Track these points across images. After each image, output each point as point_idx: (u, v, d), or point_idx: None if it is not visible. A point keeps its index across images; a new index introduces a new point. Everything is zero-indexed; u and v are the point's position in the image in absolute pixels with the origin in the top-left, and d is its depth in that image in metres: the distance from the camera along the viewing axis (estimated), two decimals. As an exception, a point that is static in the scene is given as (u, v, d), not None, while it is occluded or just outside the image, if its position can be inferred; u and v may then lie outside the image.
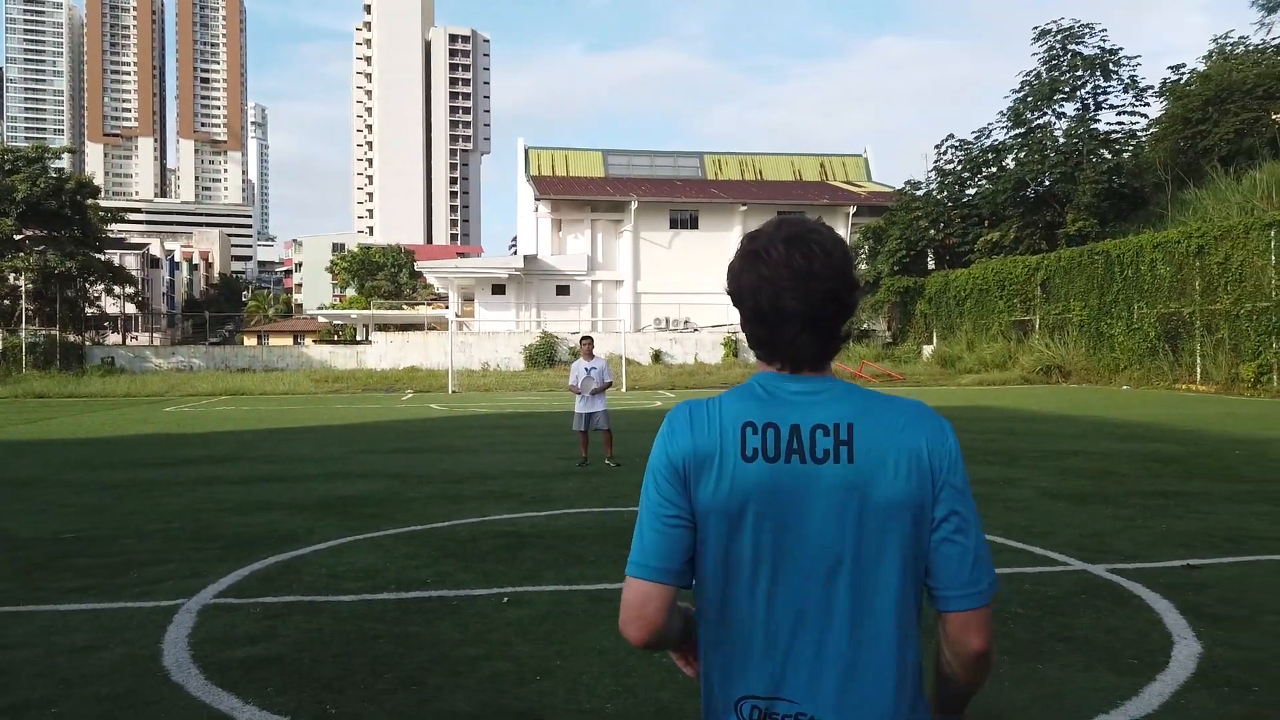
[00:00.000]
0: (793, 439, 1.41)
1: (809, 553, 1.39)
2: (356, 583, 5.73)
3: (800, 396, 1.44)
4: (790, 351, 1.44)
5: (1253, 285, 21.94)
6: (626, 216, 48.48)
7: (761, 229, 1.50)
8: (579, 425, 10.90)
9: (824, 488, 1.39)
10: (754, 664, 1.41)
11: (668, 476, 1.43)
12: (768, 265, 1.43)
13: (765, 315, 1.44)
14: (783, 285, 1.41)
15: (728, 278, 1.51)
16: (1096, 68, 33.11)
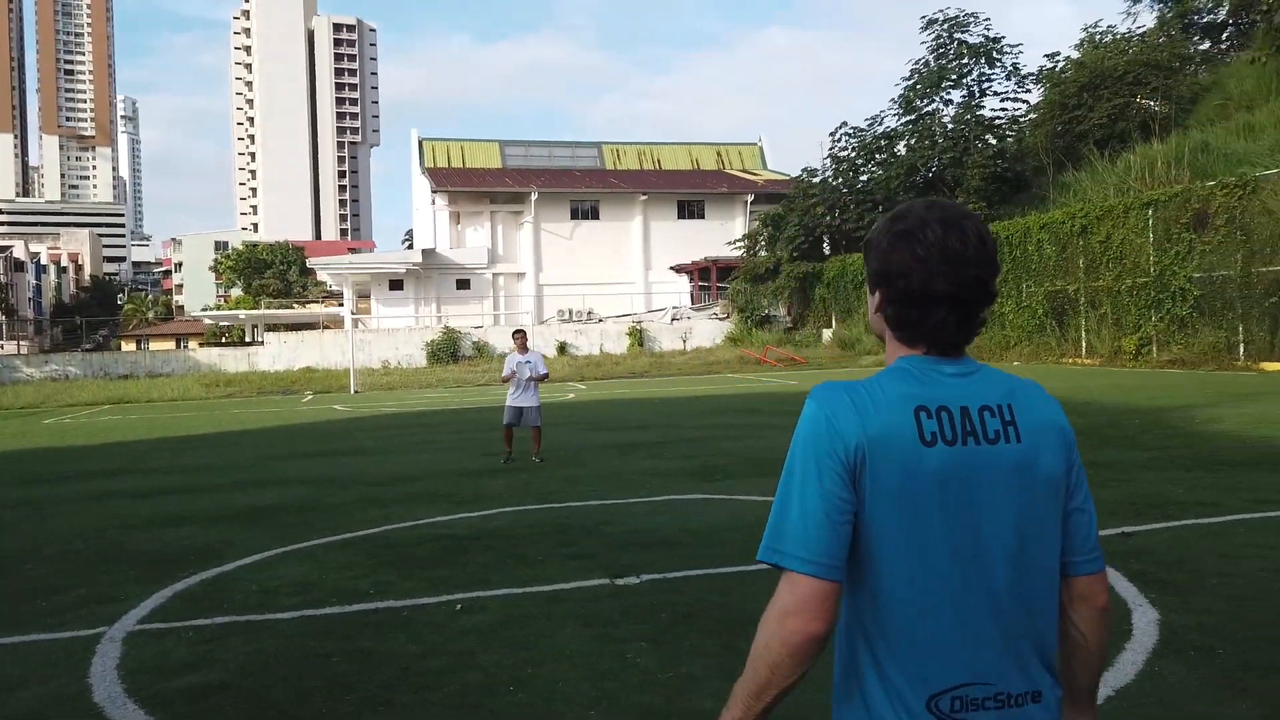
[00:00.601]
0: (964, 421, 1.39)
1: (997, 534, 1.38)
2: (293, 598, 5.41)
3: (956, 379, 1.43)
4: (936, 335, 1.43)
5: (1132, 262, 23.06)
6: (526, 208, 47.92)
7: (909, 208, 1.46)
8: (509, 419, 10.63)
9: (1001, 466, 1.39)
10: (948, 654, 1.37)
11: (834, 467, 1.36)
12: (922, 246, 1.40)
13: (915, 297, 1.42)
14: (936, 269, 1.40)
15: (872, 255, 1.48)
16: (981, 56, 34.27)
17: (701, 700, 3.68)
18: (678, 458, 10.39)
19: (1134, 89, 32.24)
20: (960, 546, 1.37)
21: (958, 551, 1.37)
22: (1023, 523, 1.39)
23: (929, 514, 1.36)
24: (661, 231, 49.00)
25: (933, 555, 1.37)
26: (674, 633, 4.48)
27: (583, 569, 5.74)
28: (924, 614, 1.37)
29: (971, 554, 1.37)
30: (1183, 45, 34.75)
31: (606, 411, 17.13)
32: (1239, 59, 33.87)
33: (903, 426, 1.37)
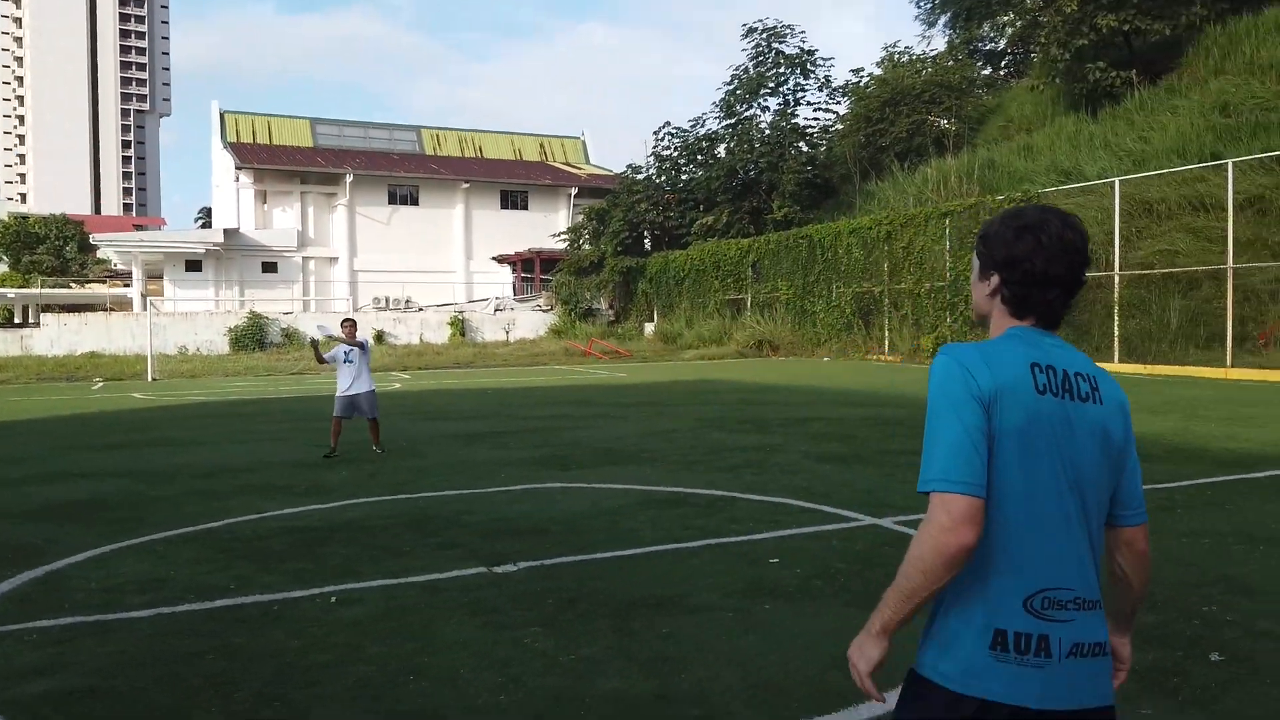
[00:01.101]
0: (1065, 380, 1.73)
1: (1082, 472, 1.72)
2: (142, 596, 5.04)
3: (1055, 348, 1.77)
4: (1046, 311, 1.78)
5: (931, 267, 24.95)
6: (341, 190, 46.02)
7: (1026, 209, 1.81)
8: (340, 411, 10.20)
9: (1088, 421, 1.73)
10: (1043, 563, 1.68)
11: (971, 404, 1.66)
12: (1046, 238, 1.74)
13: (1036, 278, 1.75)
14: (1055, 256, 1.74)
15: (995, 245, 1.80)
16: (797, 67, 35.95)
17: (608, 681, 3.75)
18: (525, 447, 10.36)
19: (929, 107, 34.80)
20: (1063, 476, 1.70)
21: (1059, 481, 1.69)
22: (1099, 468, 1.74)
23: (1040, 448, 1.68)
24: (484, 221, 48.38)
25: (1041, 482, 1.68)
26: (564, 618, 4.52)
27: (456, 558, 5.66)
28: (1029, 529, 1.68)
29: (1070, 484, 1.70)
30: (969, 69, 37.77)
31: (439, 401, 16.79)
32: (1019, 85, 37.28)
33: (1023, 377, 1.70)
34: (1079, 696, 1.68)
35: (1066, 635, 1.67)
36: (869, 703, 3.48)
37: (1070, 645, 1.67)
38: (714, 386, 18.67)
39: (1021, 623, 1.67)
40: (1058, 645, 1.66)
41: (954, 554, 1.61)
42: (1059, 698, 1.66)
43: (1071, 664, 1.67)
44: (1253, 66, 25.15)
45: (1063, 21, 28.28)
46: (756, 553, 5.66)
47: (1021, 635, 1.66)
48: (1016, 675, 1.66)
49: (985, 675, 1.67)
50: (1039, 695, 1.65)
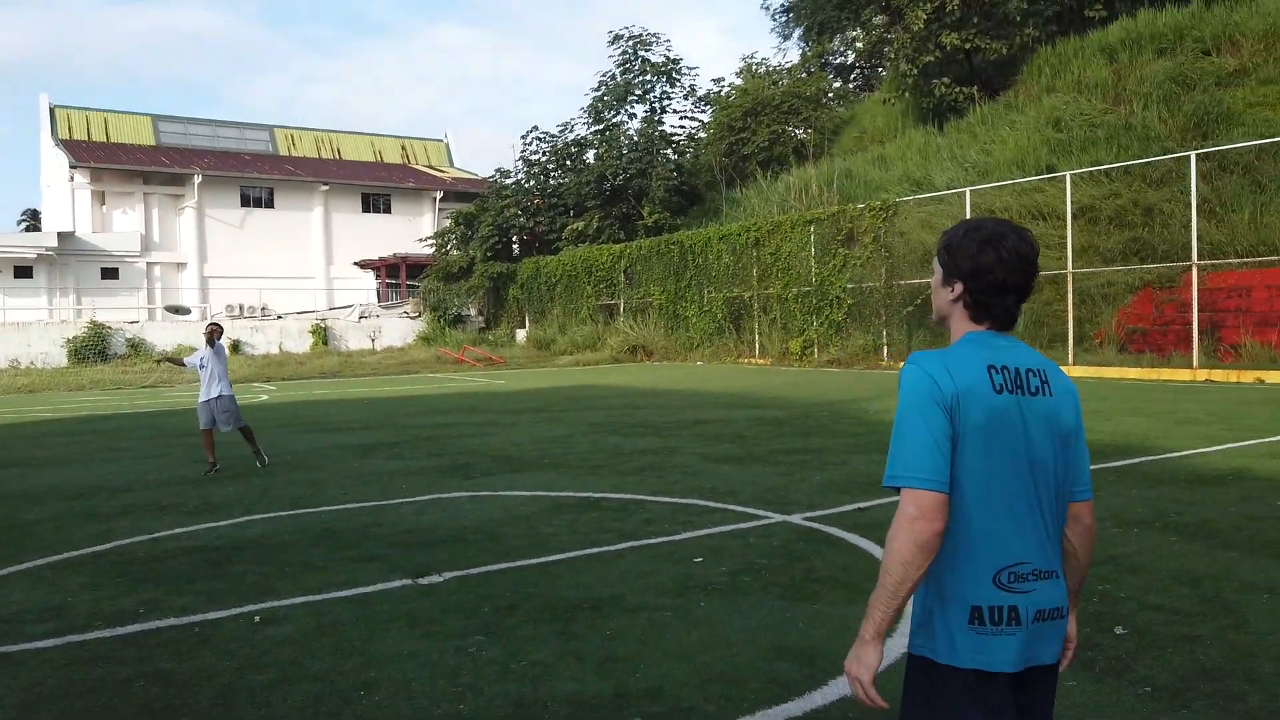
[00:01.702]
0: (1017, 377, 1.94)
1: (1036, 458, 1.92)
2: (42, 625, 4.73)
3: (1008, 349, 1.97)
4: (1003, 315, 1.99)
5: (797, 273, 25.86)
6: (189, 191, 43.66)
7: (983, 222, 2.01)
8: (205, 421, 9.75)
9: (1040, 412, 1.94)
10: (1007, 541, 1.89)
11: (937, 409, 1.86)
12: (1005, 250, 1.94)
13: (996, 287, 1.95)
14: (1014, 267, 1.95)
15: (959, 256, 1.97)
16: (663, 75, 36.53)
17: (563, 684, 3.79)
18: (421, 457, 10.19)
19: (788, 117, 36.05)
20: (1019, 464, 1.90)
21: (1017, 467, 1.90)
22: (1052, 453, 1.94)
23: (999, 440, 1.89)
24: (344, 224, 46.93)
25: (1001, 470, 1.89)
26: (504, 625, 4.53)
27: (377, 571, 5.56)
28: (993, 512, 1.88)
29: (1027, 469, 1.91)
30: (822, 81, 39.32)
31: (315, 413, 16.23)
32: (871, 98, 39.09)
33: (981, 379, 1.90)
34: (1043, 655, 1.94)
35: (1031, 604, 1.89)
36: (819, 690, 3.68)
37: (1034, 612, 1.90)
38: (597, 392, 18.78)
39: (992, 597, 1.88)
40: (1025, 613, 1.88)
41: (927, 540, 1.81)
42: (1030, 658, 1.91)
43: (1037, 628, 1.90)
44: (1080, 85, 27.25)
45: (910, 39, 29.85)
46: (679, 553, 5.80)
47: (993, 609, 1.87)
48: (995, 644, 1.87)
49: (972, 649, 1.88)
50: (1015, 659, 1.88)
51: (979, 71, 31.03)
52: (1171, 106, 23.54)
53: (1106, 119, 24.84)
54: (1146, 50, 26.52)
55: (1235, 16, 25.07)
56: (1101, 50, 27.71)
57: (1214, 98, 22.78)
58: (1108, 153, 22.93)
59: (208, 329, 10.13)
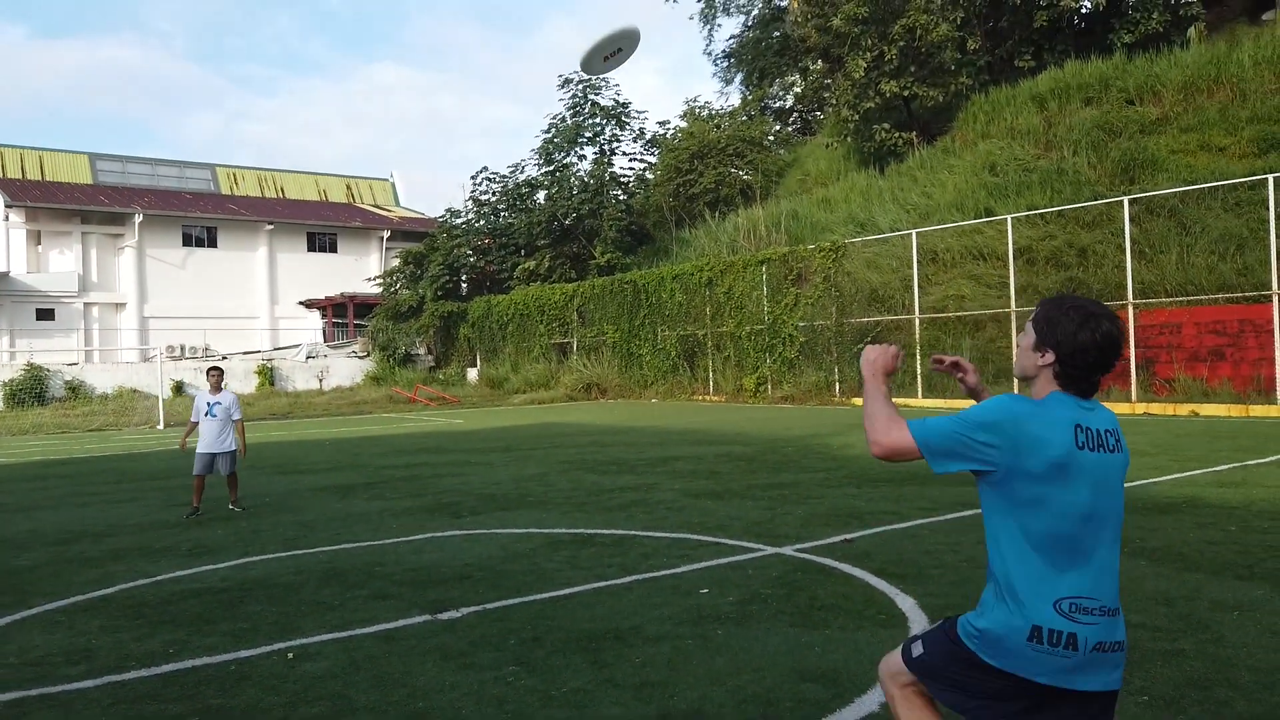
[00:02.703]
0: (1098, 437, 2.28)
1: (1111, 505, 2.27)
2: (74, 667, 4.80)
3: (1090, 411, 2.32)
4: (1087, 386, 2.33)
5: (750, 311, 26.44)
6: (129, 230, 42.91)
7: (1083, 303, 2.32)
8: (201, 468, 9.70)
9: (1115, 467, 2.29)
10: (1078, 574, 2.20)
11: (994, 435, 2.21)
12: (1100, 334, 2.27)
13: (1088, 366, 2.28)
14: (1106, 349, 2.28)
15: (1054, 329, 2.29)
16: (612, 118, 37.21)
17: (607, 709, 4.01)
18: (404, 497, 10.28)
19: (734, 160, 36.96)
20: (1097, 509, 2.23)
21: (1096, 511, 2.22)
22: (1119, 499, 2.28)
23: (1080, 488, 2.21)
24: (290, 264, 46.47)
25: (1079, 514, 2.21)
26: (534, 657, 4.73)
27: (394, 609, 5.71)
28: (1068, 548, 2.21)
29: (1105, 514, 2.24)
30: (764, 124, 40.40)
31: (279, 454, 16.12)
32: (813, 142, 40.26)
33: (1066, 435, 2.24)
34: (1094, 683, 2.20)
35: (1092, 635, 2.17)
36: (849, 707, 3.96)
37: (1095, 644, 2.18)
38: (560, 430, 18.95)
39: (1054, 621, 2.17)
40: (1084, 643, 2.16)
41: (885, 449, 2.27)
42: (1079, 682, 2.18)
43: (1094, 657, 2.18)
44: (1014, 131, 28.52)
45: (851, 86, 30.95)
46: (684, 585, 6.05)
47: (1054, 632, 2.16)
48: (1048, 663, 2.17)
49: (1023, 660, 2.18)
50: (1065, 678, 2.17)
51: (917, 117, 32.28)
52: (1100, 153, 24.81)
53: (1039, 164, 26.05)
54: (1074, 99, 27.92)
55: (1155, 68, 26.59)
56: (1032, 98, 29.06)
57: (1139, 144, 24.09)
58: (1041, 196, 24.03)
59: (213, 375, 10.03)
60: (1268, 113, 22.70)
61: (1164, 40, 28.21)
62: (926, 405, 21.32)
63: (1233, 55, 25.10)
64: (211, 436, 9.74)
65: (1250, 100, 23.55)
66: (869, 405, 2.38)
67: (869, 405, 2.38)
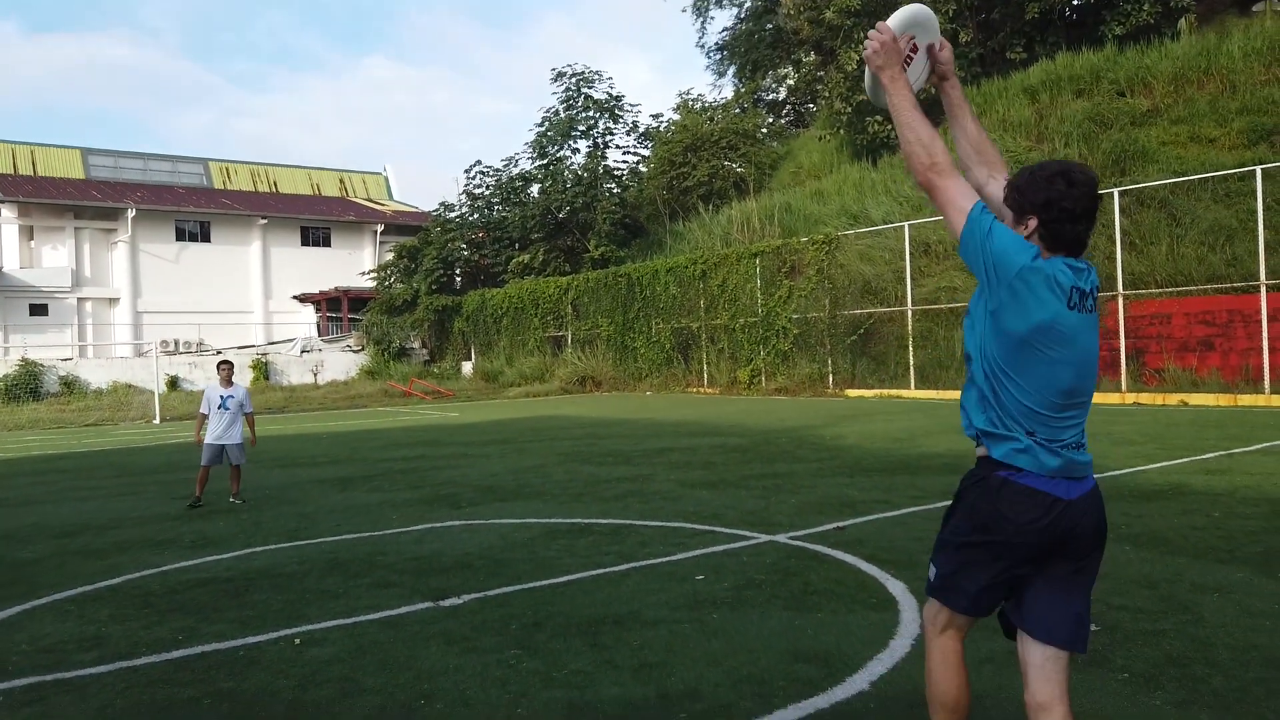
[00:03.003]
0: (1083, 297, 2.43)
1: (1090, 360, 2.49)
2: (88, 654, 4.92)
3: (1085, 272, 2.44)
4: (1074, 241, 2.38)
5: (744, 304, 26.58)
6: (122, 225, 42.87)
7: (1047, 162, 2.38)
8: (209, 459, 9.84)
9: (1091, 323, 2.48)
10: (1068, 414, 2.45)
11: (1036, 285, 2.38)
12: (1074, 185, 2.33)
13: (1068, 214, 2.33)
14: (1082, 193, 2.34)
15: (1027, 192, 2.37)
16: (606, 111, 37.26)
17: (608, 689, 4.15)
18: (403, 489, 10.40)
19: (727, 153, 37.04)
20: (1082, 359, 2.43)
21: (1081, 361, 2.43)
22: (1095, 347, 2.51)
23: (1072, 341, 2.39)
24: (283, 258, 46.47)
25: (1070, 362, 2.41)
26: (536, 640, 4.86)
27: (397, 596, 5.84)
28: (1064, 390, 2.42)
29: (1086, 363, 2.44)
30: (757, 117, 40.49)
31: (277, 447, 16.23)
32: (806, 134, 40.36)
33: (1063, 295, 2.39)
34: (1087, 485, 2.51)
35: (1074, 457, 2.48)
36: (840, 686, 4.10)
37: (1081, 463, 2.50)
38: (555, 423, 19.08)
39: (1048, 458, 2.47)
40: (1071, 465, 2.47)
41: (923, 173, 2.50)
42: (1079, 487, 2.48)
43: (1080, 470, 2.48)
44: (1005, 123, 28.63)
45: (844, 78, 31.03)
46: (680, 571, 6.19)
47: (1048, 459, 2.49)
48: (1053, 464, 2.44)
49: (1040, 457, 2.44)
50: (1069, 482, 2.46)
51: (909, 110, 32.30)
52: (1091, 144, 24.95)
53: (1030, 155, 26.16)
54: (1065, 91, 28.06)
55: (1146, 60, 26.73)
56: (1024, 90, 29.18)
57: (1130, 136, 24.24)
58: (1034, 188, 24.12)
59: (224, 369, 10.17)
60: (1257, 104, 22.86)
61: (1154, 32, 28.35)
62: (919, 396, 21.49)
63: (1223, 47, 25.24)
64: (222, 428, 9.89)
65: (1240, 92, 23.71)
66: (901, 115, 2.49)
67: (901, 115, 2.49)
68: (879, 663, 4.32)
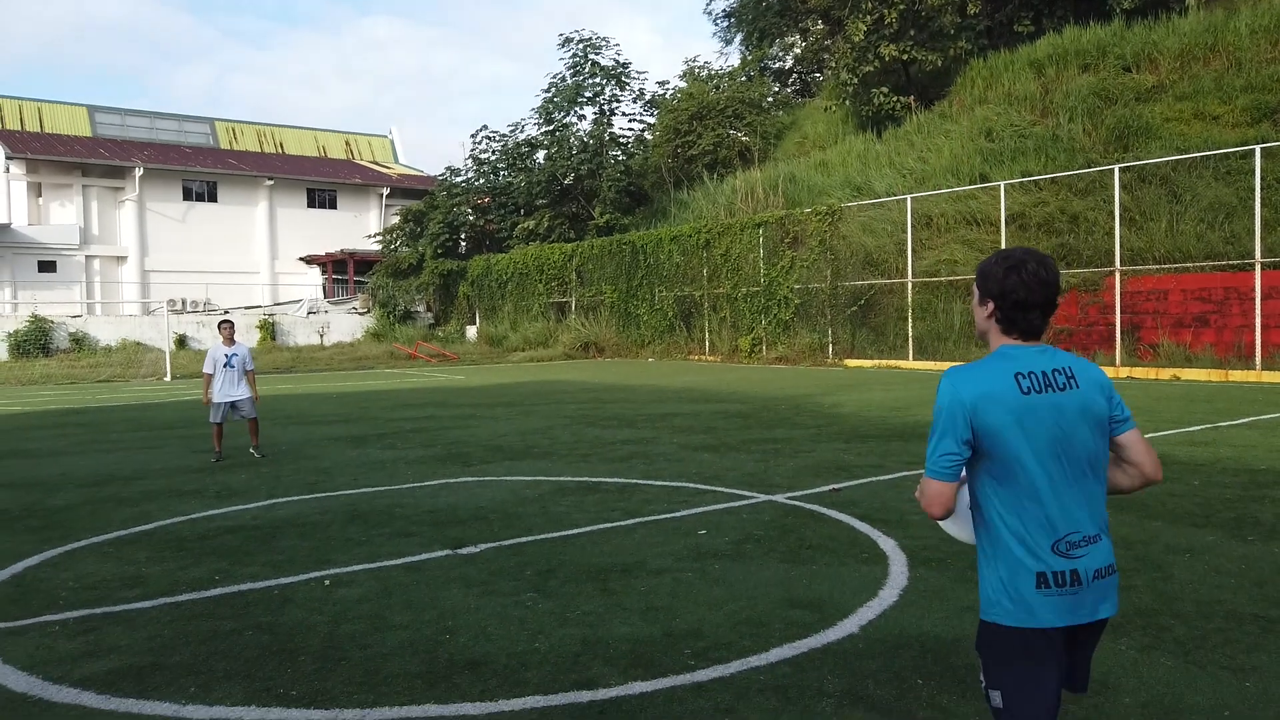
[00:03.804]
0: (1044, 378, 2.35)
1: (1074, 440, 2.33)
2: (131, 591, 5.28)
3: (1037, 354, 2.40)
4: (1028, 328, 2.41)
5: (746, 273, 26.83)
6: (129, 184, 42.97)
7: (1012, 251, 2.46)
8: (217, 417, 10.18)
9: (1071, 403, 2.34)
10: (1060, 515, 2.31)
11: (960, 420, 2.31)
12: (1026, 274, 2.38)
13: (1020, 304, 2.38)
14: (1034, 287, 2.38)
15: (991, 280, 2.43)
16: (613, 78, 37.23)
17: (618, 628, 4.50)
18: (415, 447, 10.76)
19: (732, 121, 37.05)
20: (1062, 450, 2.31)
21: (1059, 452, 2.31)
22: (1088, 433, 2.34)
23: (1040, 432, 2.29)
24: (289, 219, 46.60)
25: (1045, 456, 2.30)
26: (550, 585, 5.22)
27: (418, 544, 6.20)
28: (1045, 493, 2.30)
29: (1068, 454, 2.32)
30: (763, 86, 40.39)
31: (289, 406, 16.58)
32: (811, 104, 40.31)
33: (1008, 386, 2.32)
34: (1101, 610, 2.35)
35: (1088, 565, 2.31)
36: (831, 629, 4.45)
37: (1094, 571, 2.31)
38: (559, 387, 19.43)
39: (1056, 563, 2.29)
40: (1085, 575, 2.29)
41: (936, 516, 2.39)
42: (1089, 613, 2.33)
43: (1096, 585, 2.32)
44: (1010, 97, 28.70)
45: (851, 49, 31.03)
46: (684, 526, 6.55)
47: (1057, 573, 2.28)
48: (1059, 604, 2.29)
49: (1038, 609, 2.29)
50: (1077, 614, 2.30)
51: (915, 81, 32.39)
52: (1095, 119, 25.07)
53: (1035, 130, 26.28)
54: (1072, 65, 28.08)
55: (1153, 36, 26.75)
56: (1030, 64, 29.20)
57: (1134, 112, 24.35)
58: (1036, 162, 24.32)
59: (225, 328, 10.50)
60: (1262, 82, 22.95)
61: (1163, 7, 28.31)
62: (917, 367, 21.80)
63: (1230, 24, 25.26)
64: (230, 385, 10.23)
65: (1245, 69, 23.77)
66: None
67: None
68: (869, 609, 4.68)
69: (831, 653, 4.12)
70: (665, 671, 3.94)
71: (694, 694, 3.70)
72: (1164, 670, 3.83)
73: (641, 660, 4.07)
